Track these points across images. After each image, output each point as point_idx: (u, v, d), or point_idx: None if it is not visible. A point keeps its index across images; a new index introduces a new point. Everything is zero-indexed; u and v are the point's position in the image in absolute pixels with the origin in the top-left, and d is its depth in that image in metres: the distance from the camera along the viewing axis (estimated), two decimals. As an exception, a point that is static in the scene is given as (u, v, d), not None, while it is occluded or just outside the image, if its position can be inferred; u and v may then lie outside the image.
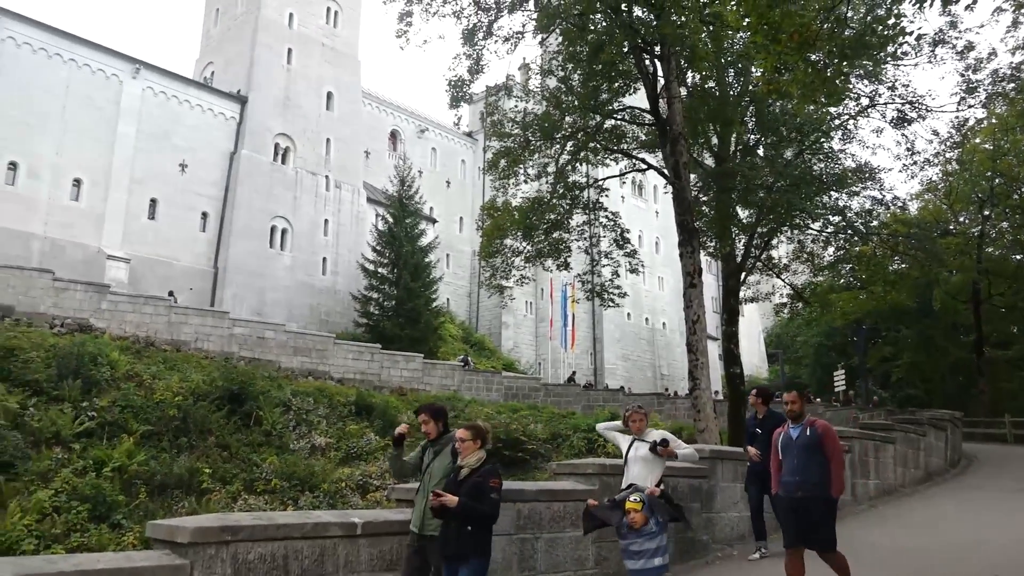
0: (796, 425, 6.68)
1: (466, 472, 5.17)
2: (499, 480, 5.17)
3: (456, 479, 5.17)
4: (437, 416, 5.72)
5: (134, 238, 34.32)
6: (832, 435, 6.57)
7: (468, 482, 5.09)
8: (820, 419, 6.87)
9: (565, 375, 44.75)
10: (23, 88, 32.04)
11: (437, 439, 5.62)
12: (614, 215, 22.40)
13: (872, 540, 9.27)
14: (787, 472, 6.59)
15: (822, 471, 6.40)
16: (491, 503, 5.06)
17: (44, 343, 21.51)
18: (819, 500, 6.38)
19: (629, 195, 55.02)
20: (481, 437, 5.32)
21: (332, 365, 29.46)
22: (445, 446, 5.50)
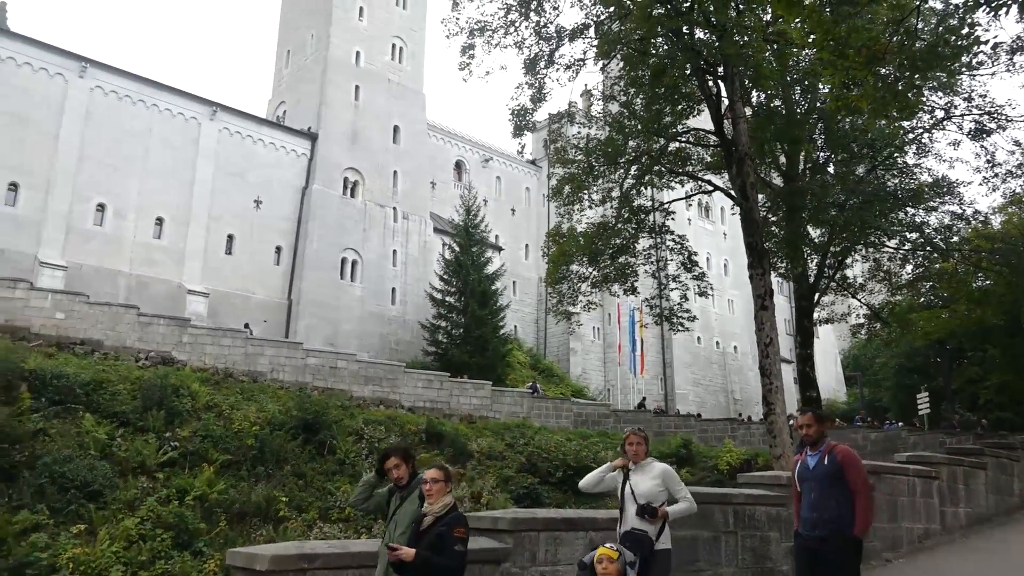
0: (814, 452, 5.94)
1: (430, 520, 4.73)
2: (464, 529, 4.72)
3: (419, 528, 4.76)
4: (408, 459, 5.27)
5: (212, 273, 35.63)
6: (855, 462, 5.82)
7: (431, 532, 4.66)
8: (841, 444, 6.06)
9: (635, 401, 44.19)
10: (110, 133, 33.84)
11: (406, 484, 5.19)
12: (681, 238, 22.16)
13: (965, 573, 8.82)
14: (805, 507, 5.87)
15: (842, 506, 5.66)
16: (454, 555, 4.60)
17: (130, 376, 22.40)
18: (839, 539, 5.62)
19: (695, 217, 54.34)
20: (451, 480, 4.95)
21: (402, 393, 29.82)
22: (413, 491, 5.09)
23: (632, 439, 5.95)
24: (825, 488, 5.76)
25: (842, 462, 5.77)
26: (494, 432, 27.69)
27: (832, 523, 5.64)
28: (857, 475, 5.76)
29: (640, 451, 5.92)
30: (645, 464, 5.92)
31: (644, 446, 5.96)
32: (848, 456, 5.84)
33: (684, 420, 36.11)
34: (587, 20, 19.96)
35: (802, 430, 6.03)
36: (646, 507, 5.61)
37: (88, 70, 33.77)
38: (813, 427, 6.01)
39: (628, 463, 5.98)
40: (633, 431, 6.07)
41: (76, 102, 33.18)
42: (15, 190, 31.25)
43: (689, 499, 5.92)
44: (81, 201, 32.64)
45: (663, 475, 5.86)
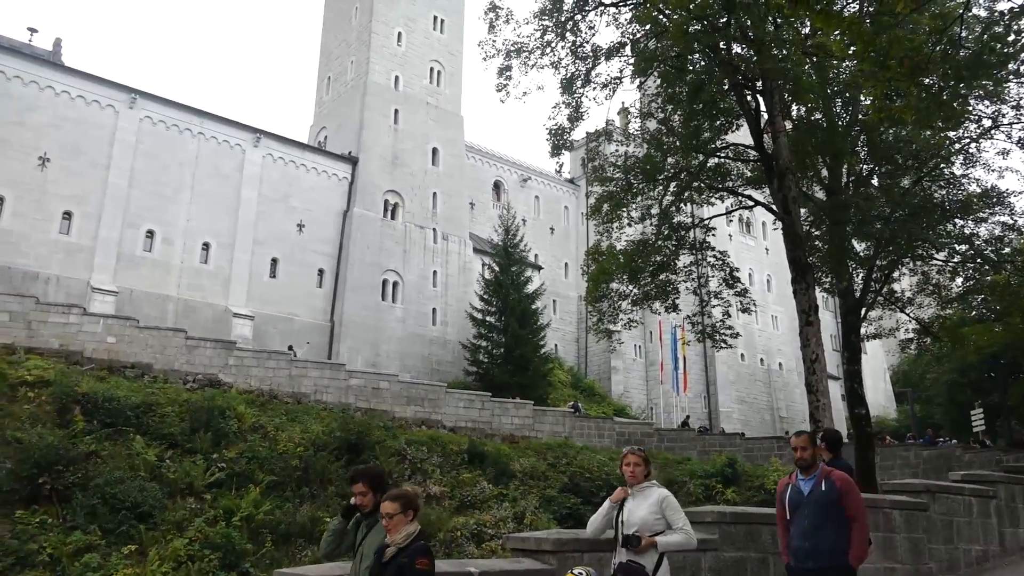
0: (807, 477, 5.61)
1: (392, 552, 4.41)
2: (428, 560, 4.38)
3: (381, 560, 4.45)
4: (375, 484, 4.89)
5: (257, 296, 36.26)
6: (853, 489, 5.52)
7: (393, 564, 4.37)
8: (837, 470, 5.74)
9: (678, 420, 43.65)
10: (159, 161, 34.84)
11: (372, 511, 4.82)
12: (722, 254, 21.92)
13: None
14: (796, 536, 5.52)
15: (839, 535, 5.34)
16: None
17: (178, 398, 22.84)
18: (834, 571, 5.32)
19: (737, 233, 53.82)
20: (412, 507, 4.51)
21: (444, 414, 29.88)
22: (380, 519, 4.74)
23: (630, 459, 5.47)
24: (821, 516, 5.43)
25: (842, 488, 5.47)
26: (536, 452, 27.57)
27: (828, 554, 5.33)
28: (857, 502, 5.50)
29: (639, 473, 5.41)
30: (644, 489, 5.41)
31: (644, 467, 5.45)
32: (847, 482, 5.56)
33: (729, 439, 35.53)
34: (623, 39, 20.00)
35: (796, 452, 5.68)
36: (630, 537, 5.15)
37: (137, 101, 34.85)
38: (808, 450, 5.69)
39: (628, 492, 5.49)
40: (631, 450, 5.58)
41: (126, 132, 34.25)
42: (69, 219, 32.29)
43: (687, 531, 5.31)
44: (131, 228, 33.58)
45: (661, 503, 5.32)
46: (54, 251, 31.65)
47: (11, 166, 31.19)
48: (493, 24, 20.26)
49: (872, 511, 9.02)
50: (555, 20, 19.77)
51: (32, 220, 31.35)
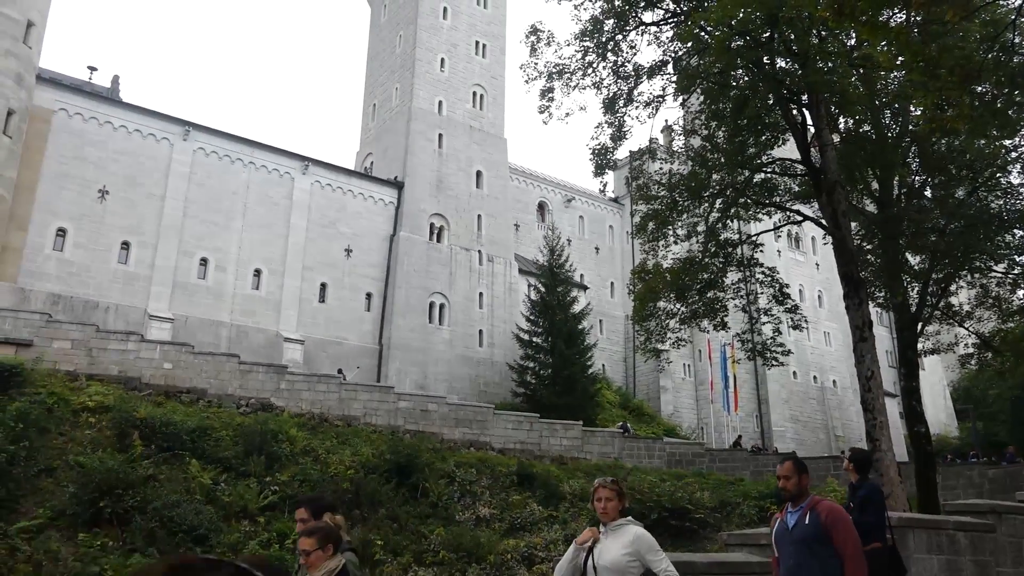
0: (794, 509, 5.02)
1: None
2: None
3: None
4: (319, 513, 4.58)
5: (307, 321, 36.86)
6: (841, 521, 4.88)
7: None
8: (826, 500, 5.09)
9: (730, 439, 42.89)
10: (211, 191, 35.82)
11: None
12: (771, 270, 21.61)
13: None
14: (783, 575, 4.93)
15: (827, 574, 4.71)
16: None
17: (232, 422, 23.27)
18: None
19: (785, 249, 52.97)
20: (331, 541, 4.17)
21: (492, 435, 29.85)
22: None
23: (601, 492, 4.74)
24: (806, 553, 4.81)
25: (827, 521, 4.83)
26: (586, 473, 27.35)
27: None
28: (847, 536, 4.81)
29: (611, 508, 4.69)
30: (618, 527, 4.69)
31: (617, 501, 4.73)
32: (835, 513, 4.92)
33: (782, 459, 34.77)
34: (665, 57, 20.01)
35: (780, 482, 5.14)
36: None
37: (191, 133, 35.94)
38: (792, 479, 5.07)
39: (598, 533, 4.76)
40: (603, 482, 4.85)
41: (180, 164, 35.32)
42: (127, 248, 33.33)
43: (670, 572, 4.55)
44: (186, 256, 34.50)
45: (637, 542, 4.60)
46: (113, 280, 32.67)
47: (73, 199, 32.39)
48: (534, 47, 20.44)
49: (935, 533, 8.73)
50: (596, 41, 19.86)
51: (92, 251, 32.45)
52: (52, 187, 32.04)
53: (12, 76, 30.85)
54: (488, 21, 47.93)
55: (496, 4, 48.76)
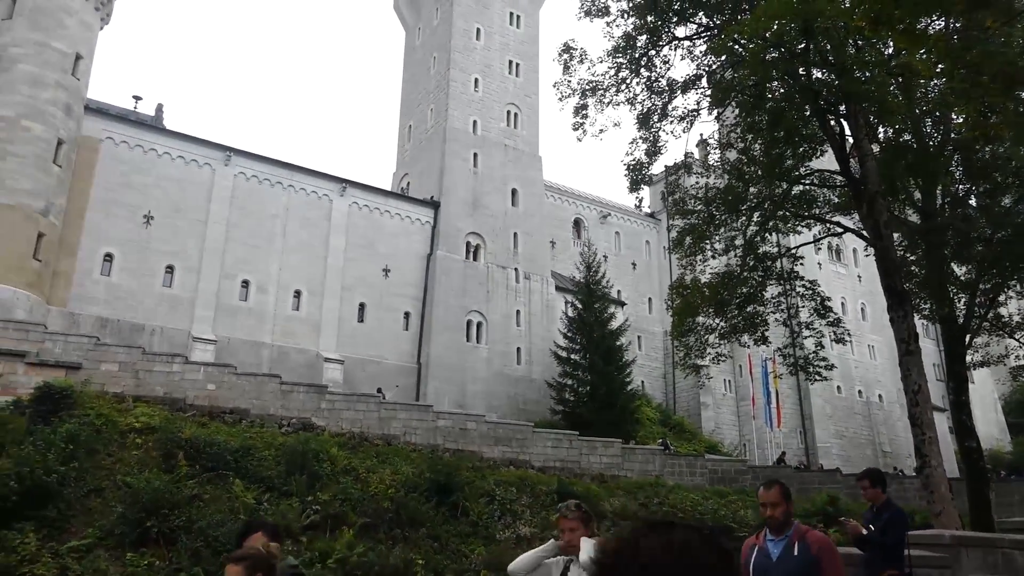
0: (777, 538, 4.70)
1: None
2: None
3: None
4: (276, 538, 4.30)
5: (346, 341, 37.22)
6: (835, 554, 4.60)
7: None
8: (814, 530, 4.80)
9: (773, 456, 42.14)
10: (252, 214, 36.52)
11: None
12: (812, 283, 21.28)
13: None
14: None
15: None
16: None
17: (274, 442, 23.51)
18: None
19: (826, 261, 52.19)
20: (261, 570, 3.81)
21: (532, 454, 29.72)
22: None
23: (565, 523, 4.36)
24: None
25: (819, 553, 4.51)
26: (627, 491, 27.08)
27: None
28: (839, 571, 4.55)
29: (576, 539, 4.33)
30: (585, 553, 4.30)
31: (584, 529, 4.36)
32: (826, 546, 4.65)
33: (828, 475, 34.06)
34: (699, 71, 19.96)
35: (765, 510, 4.75)
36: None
37: (232, 158, 36.72)
38: (780, 506, 4.73)
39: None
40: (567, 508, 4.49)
41: (222, 188, 36.08)
42: (171, 272, 34.08)
43: None
44: (228, 279, 35.14)
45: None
46: (159, 303, 33.40)
47: (120, 225, 33.26)
48: (567, 65, 20.54)
49: (990, 551, 8.47)
50: (629, 57, 19.89)
51: (138, 275, 33.23)
52: (100, 214, 32.95)
53: (62, 107, 31.89)
54: (521, 40, 48.31)
55: (529, 24, 49.16)
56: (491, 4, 47.59)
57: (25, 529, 16.09)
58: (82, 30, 33.69)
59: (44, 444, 18.16)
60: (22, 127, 30.49)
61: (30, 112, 30.85)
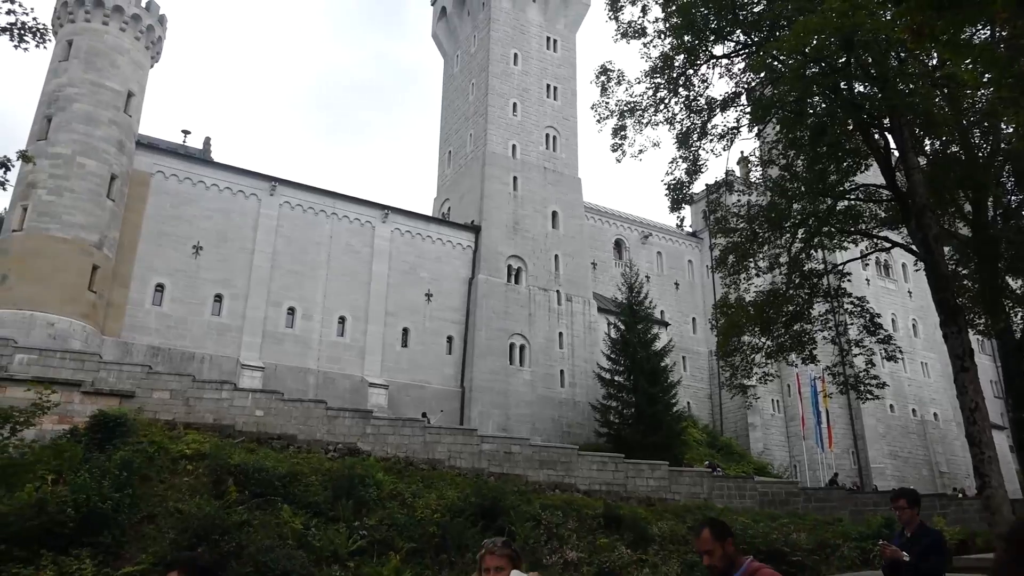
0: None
1: None
2: None
3: None
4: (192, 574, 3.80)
5: (390, 366, 37.50)
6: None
7: None
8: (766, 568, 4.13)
9: (825, 477, 41.13)
10: (297, 242, 37.19)
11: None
12: (860, 300, 20.88)
13: None
14: None
15: None
16: None
17: (321, 467, 23.71)
18: None
19: (874, 277, 51.15)
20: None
21: (577, 477, 29.47)
22: None
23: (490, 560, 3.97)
24: None
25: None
26: (674, 515, 26.65)
27: None
28: None
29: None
30: None
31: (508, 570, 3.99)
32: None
33: (883, 497, 33.01)
34: (737, 89, 19.89)
35: (704, 558, 4.21)
36: None
37: (277, 188, 37.52)
38: (716, 551, 4.13)
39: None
40: (490, 547, 4.10)
41: (268, 218, 36.85)
42: (220, 301, 34.81)
43: None
44: (274, 306, 35.76)
45: None
46: (208, 331, 34.11)
47: (170, 256, 34.15)
48: (605, 87, 20.63)
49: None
50: (667, 77, 19.90)
51: (188, 304, 34.02)
52: (151, 245, 33.88)
53: (114, 143, 32.99)
54: (558, 64, 48.64)
55: (566, 47, 49.49)
56: (528, 29, 48.07)
57: (82, 555, 16.43)
58: (134, 69, 34.89)
59: (99, 471, 18.57)
60: (77, 164, 31.60)
61: (85, 149, 31.97)
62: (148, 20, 35.41)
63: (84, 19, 33.82)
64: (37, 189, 30.93)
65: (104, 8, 33.91)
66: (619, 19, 20.42)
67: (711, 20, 19.25)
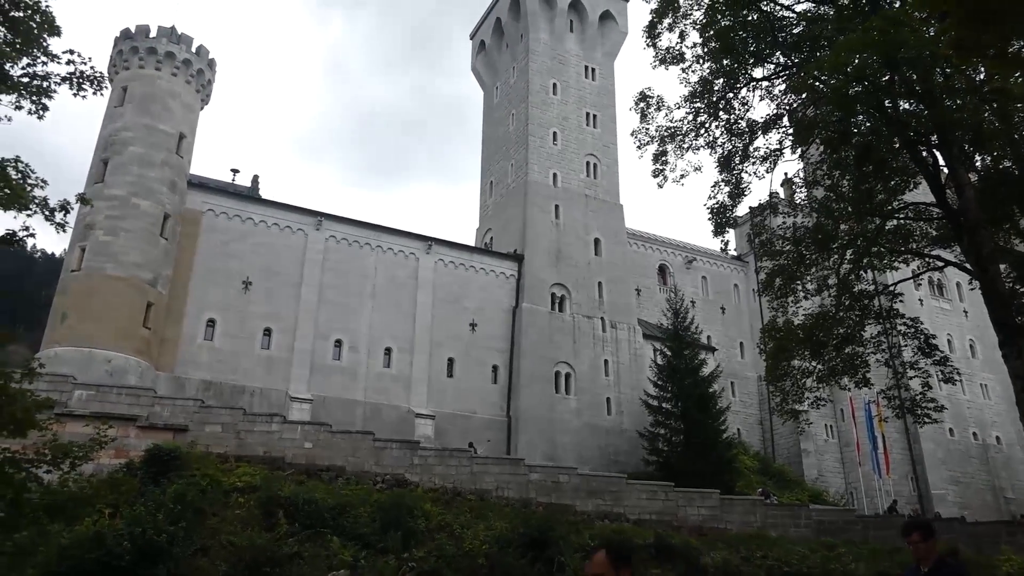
0: None
1: None
2: None
3: None
4: None
5: (436, 396, 37.63)
6: None
7: None
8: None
9: (883, 504, 39.86)
10: (343, 275, 37.76)
11: None
12: (913, 321, 20.35)
13: None
14: None
15: None
16: None
17: (369, 499, 23.79)
18: None
19: (927, 297, 49.90)
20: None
21: (626, 506, 29.05)
22: None
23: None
24: None
25: None
26: (727, 544, 26.05)
27: None
28: None
29: None
30: None
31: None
32: None
33: (946, 524, 31.84)
34: (779, 110, 19.73)
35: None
36: None
37: (323, 223, 38.22)
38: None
39: None
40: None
41: (314, 252, 37.53)
42: (268, 335, 35.43)
43: None
44: (321, 339, 36.25)
45: None
46: (257, 365, 34.69)
47: (220, 291, 34.95)
48: (644, 113, 20.64)
49: None
50: (707, 101, 19.86)
51: (238, 338, 34.69)
52: (202, 281, 34.73)
53: (167, 184, 34.05)
54: (597, 92, 48.89)
55: (604, 76, 49.76)
56: (566, 59, 48.49)
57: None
58: (185, 112, 36.09)
59: (154, 505, 18.92)
60: (132, 204, 32.66)
61: (140, 190, 33.05)
62: (198, 64, 36.64)
63: (138, 65, 35.15)
64: (94, 230, 32.00)
65: (157, 55, 35.21)
66: (657, 46, 20.49)
67: (750, 43, 19.21)
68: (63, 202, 12.02)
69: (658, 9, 20.05)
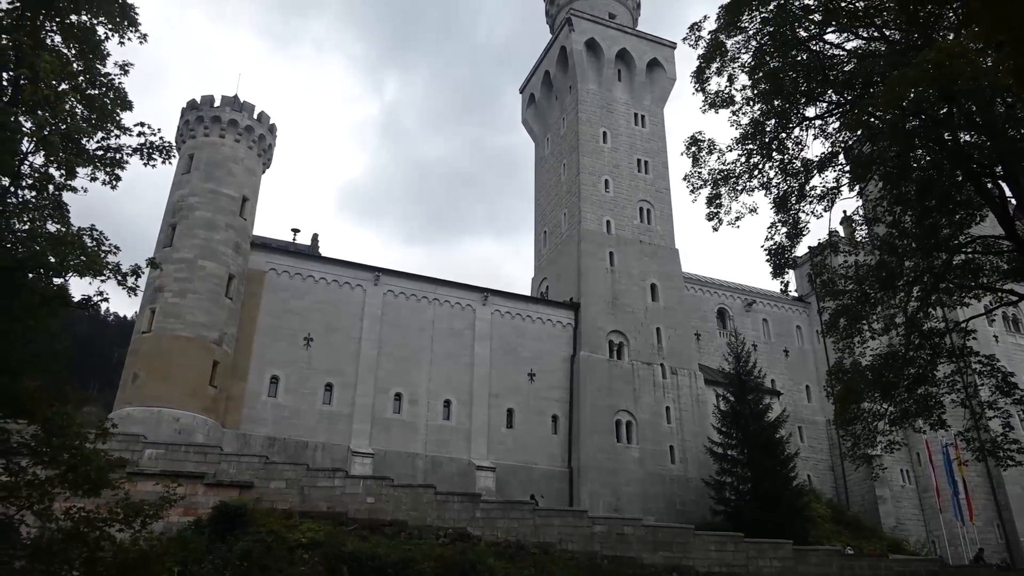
0: None
1: None
2: None
3: None
4: None
5: (496, 447, 37.40)
6: None
7: None
8: None
9: (968, 553, 37.78)
10: (401, 329, 38.19)
11: None
12: (989, 358, 19.54)
13: None
14: None
15: None
16: None
17: (432, 553, 23.62)
18: None
19: (1002, 333, 47.90)
20: None
21: (695, 558, 28.17)
22: None
23: None
24: None
25: None
26: (803, 598, 24.98)
27: None
28: None
29: None
30: None
31: None
32: None
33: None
34: (834, 148, 19.49)
35: None
36: None
37: (381, 278, 38.88)
38: None
39: None
40: None
41: (373, 307, 38.13)
42: (330, 390, 35.89)
43: None
44: (381, 393, 36.55)
45: None
46: (319, 420, 35.10)
47: (283, 348, 35.67)
48: (696, 157, 20.62)
49: None
50: (759, 142, 19.76)
51: (300, 394, 35.23)
52: (266, 339, 35.52)
53: (231, 246, 35.20)
54: (647, 139, 49.06)
55: (654, 122, 49.96)
56: (615, 108, 48.91)
57: (207, 646, 16.78)
58: (247, 176, 37.45)
59: (221, 562, 19.14)
60: (199, 266, 33.80)
61: (205, 253, 34.23)
62: (259, 130, 38.10)
63: (203, 134, 36.72)
64: (163, 292, 33.16)
65: (221, 123, 36.76)
66: (706, 90, 20.54)
67: (800, 83, 19.12)
68: (134, 267, 12.52)
69: (705, 55, 20.15)
